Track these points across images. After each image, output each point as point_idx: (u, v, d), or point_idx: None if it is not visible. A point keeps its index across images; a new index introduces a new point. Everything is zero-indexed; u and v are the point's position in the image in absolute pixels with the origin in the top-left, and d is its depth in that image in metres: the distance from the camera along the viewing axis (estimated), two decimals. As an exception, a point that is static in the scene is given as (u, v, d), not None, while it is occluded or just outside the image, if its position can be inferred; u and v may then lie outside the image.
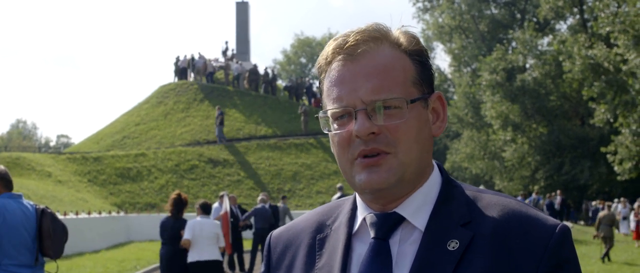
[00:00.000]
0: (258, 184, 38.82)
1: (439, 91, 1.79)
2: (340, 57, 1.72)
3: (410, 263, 1.65)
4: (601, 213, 24.18)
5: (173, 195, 11.79)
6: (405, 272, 1.64)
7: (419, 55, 1.75)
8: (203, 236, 11.91)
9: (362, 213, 1.78)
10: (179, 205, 11.70)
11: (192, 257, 11.79)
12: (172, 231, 11.65)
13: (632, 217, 28.38)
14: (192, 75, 54.88)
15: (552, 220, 1.65)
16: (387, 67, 1.68)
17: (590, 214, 38.58)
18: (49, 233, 7.00)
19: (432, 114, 1.78)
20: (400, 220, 1.71)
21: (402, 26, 1.78)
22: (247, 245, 20.44)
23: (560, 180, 46.26)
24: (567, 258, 1.61)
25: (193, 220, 11.98)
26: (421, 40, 1.79)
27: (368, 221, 1.75)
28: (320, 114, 1.75)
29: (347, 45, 1.70)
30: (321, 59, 1.78)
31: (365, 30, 1.72)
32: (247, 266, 19.45)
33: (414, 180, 1.71)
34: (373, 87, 1.65)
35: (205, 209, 12.48)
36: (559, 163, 47.16)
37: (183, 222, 11.69)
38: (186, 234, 11.67)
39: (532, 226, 1.63)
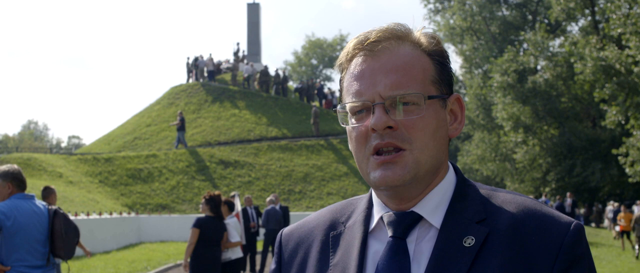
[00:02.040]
0: (269, 185, 38.84)
1: (458, 93, 1.82)
2: (361, 53, 1.75)
3: (427, 260, 1.66)
4: (637, 214, 24.70)
5: (214, 194, 11.22)
6: (423, 269, 1.66)
7: (439, 56, 1.79)
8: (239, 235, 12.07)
9: (378, 212, 1.80)
10: (220, 205, 11.34)
11: (229, 256, 11.82)
12: (218, 233, 11.15)
13: None
14: (195, 75, 55.08)
15: (566, 217, 1.67)
16: (407, 64, 1.71)
17: (609, 216, 38.39)
18: (61, 234, 7.01)
19: (449, 115, 1.80)
20: (417, 219, 1.73)
21: (423, 27, 1.82)
22: (259, 246, 20.48)
23: (572, 182, 46.13)
24: (582, 254, 1.63)
25: (231, 221, 12.00)
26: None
27: (385, 220, 1.76)
28: (339, 108, 1.77)
29: (368, 41, 1.73)
30: (342, 56, 1.81)
31: (387, 28, 1.75)
32: (257, 267, 19.49)
33: (428, 178, 1.73)
34: (392, 82, 1.68)
35: (232, 208, 12.54)
36: (570, 165, 47.00)
37: (224, 224, 11.48)
38: (237, 236, 11.78)
39: (547, 223, 1.64)
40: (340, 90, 1.83)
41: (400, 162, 1.67)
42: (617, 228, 29.97)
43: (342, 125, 1.79)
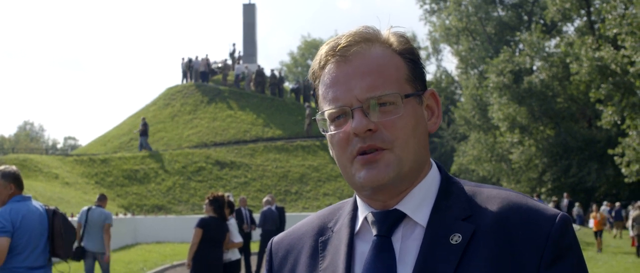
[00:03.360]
0: (265, 186, 38.83)
1: (432, 88, 1.82)
2: (333, 59, 1.75)
3: (414, 259, 1.66)
4: (634, 213, 24.97)
5: (219, 195, 11.12)
6: (409, 268, 1.65)
7: (410, 54, 1.79)
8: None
9: (363, 212, 1.80)
10: (224, 206, 11.21)
11: (229, 257, 11.81)
12: (221, 234, 11.05)
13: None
14: (189, 76, 55.15)
15: (552, 209, 1.66)
16: (380, 65, 1.71)
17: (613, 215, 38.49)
18: (60, 234, 7.03)
19: (426, 111, 1.80)
20: (401, 216, 1.73)
21: (392, 27, 1.82)
22: (255, 247, 20.46)
23: (568, 183, 46.17)
24: (569, 246, 1.62)
25: (232, 221, 12.01)
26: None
27: (369, 219, 1.77)
28: (318, 116, 1.78)
29: (339, 47, 1.74)
30: (315, 64, 1.81)
31: (356, 32, 1.76)
32: (253, 268, 19.47)
33: (412, 175, 1.74)
34: (367, 85, 1.68)
35: (233, 209, 12.57)
36: (566, 165, 47.04)
37: (226, 224, 11.42)
38: (238, 237, 11.87)
39: (532, 216, 1.64)
40: (316, 99, 1.83)
41: (383, 161, 1.68)
42: (591, 225, 30.13)
43: (322, 133, 1.79)
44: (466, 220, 1.68)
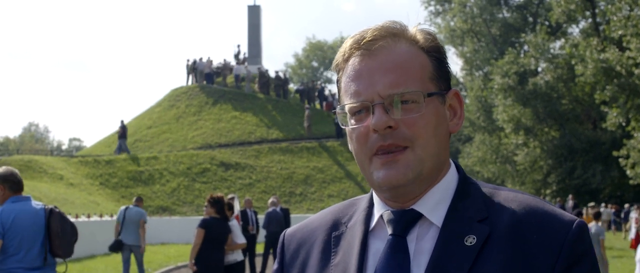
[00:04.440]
0: (269, 188, 38.81)
1: (456, 89, 1.80)
2: (358, 52, 1.74)
3: (427, 259, 1.65)
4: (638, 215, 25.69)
5: (218, 196, 11.11)
6: (423, 268, 1.64)
7: (436, 52, 1.78)
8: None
9: (379, 210, 1.78)
10: (224, 207, 11.21)
11: (234, 258, 11.77)
12: (223, 234, 11.05)
13: (633, 223, 28.03)
14: (191, 78, 55.18)
15: (569, 215, 1.65)
16: (404, 62, 1.69)
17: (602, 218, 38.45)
18: (57, 233, 6.97)
19: (449, 111, 1.78)
20: (417, 216, 1.71)
21: (419, 24, 1.80)
22: (260, 248, 20.46)
23: (572, 184, 46.06)
24: (584, 252, 1.61)
25: (234, 223, 11.99)
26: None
27: (385, 218, 1.75)
28: (338, 109, 1.76)
29: (364, 40, 1.72)
30: (339, 56, 1.79)
31: (383, 26, 1.74)
32: (258, 269, 19.46)
33: (431, 177, 1.72)
34: (390, 81, 1.66)
35: (232, 210, 12.56)
36: (570, 167, 46.93)
37: (229, 225, 11.41)
38: (242, 238, 11.88)
39: (549, 221, 1.63)
40: (339, 91, 1.81)
41: (403, 160, 1.66)
42: None
43: (342, 127, 1.77)
44: (482, 222, 1.66)
